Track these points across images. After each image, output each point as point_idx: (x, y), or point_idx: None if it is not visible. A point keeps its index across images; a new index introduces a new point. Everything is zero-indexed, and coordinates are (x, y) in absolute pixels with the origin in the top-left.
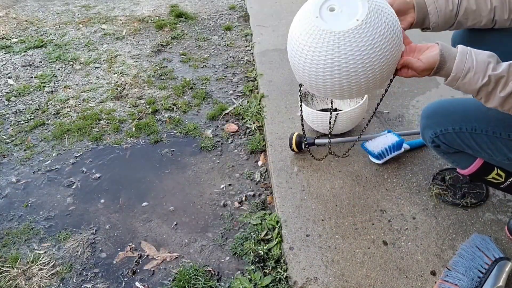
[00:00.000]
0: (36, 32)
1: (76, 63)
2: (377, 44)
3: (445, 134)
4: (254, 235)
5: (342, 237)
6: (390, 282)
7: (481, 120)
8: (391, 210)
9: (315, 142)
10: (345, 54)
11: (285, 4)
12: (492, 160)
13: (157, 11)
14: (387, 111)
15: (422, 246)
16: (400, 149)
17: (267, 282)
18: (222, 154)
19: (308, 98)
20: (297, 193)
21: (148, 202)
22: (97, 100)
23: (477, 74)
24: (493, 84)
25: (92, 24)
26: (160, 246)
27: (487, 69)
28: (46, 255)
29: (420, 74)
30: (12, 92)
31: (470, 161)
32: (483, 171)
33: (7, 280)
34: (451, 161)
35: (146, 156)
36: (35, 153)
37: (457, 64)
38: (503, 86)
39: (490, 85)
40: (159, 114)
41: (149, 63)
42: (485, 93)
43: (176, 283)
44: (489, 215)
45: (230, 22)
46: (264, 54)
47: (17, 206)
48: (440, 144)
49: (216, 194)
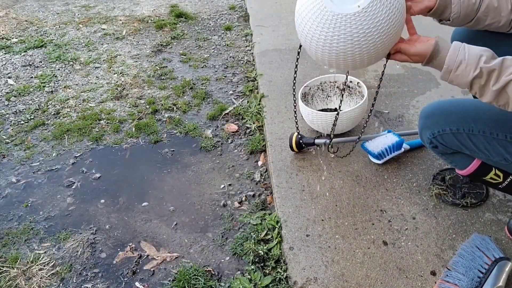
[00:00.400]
0: (36, 32)
1: (76, 63)
2: (372, 33)
3: (442, 135)
4: (254, 235)
5: (342, 237)
6: (390, 282)
7: (479, 121)
8: (391, 210)
9: (315, 142)
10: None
11: (285, 4)
12: (490, 160)
13: (157, 11)
14: (387, 111)
15: (422, 246)
16: (400, 149)
17: (267, 282)
18: (222, 154)
19: (308, 98)
20: (297, 193)
21: (148, 202)
22: (97, 100)
23: (469, 66)
24: (485, 77)
25: (92, 24)
26: (160, 246)
27: (478, 61)
28: (46, 255)
29: (411, 58)
30: (12, 92)
31: (468, 162)
32: (481, 171)
33: (7, 280)
34: (449, 161)
35: (146, 156)
36: (35, 153)
37: (450, 56)
38: (495, 80)
39: (482, 78)
40: (159, 114)
41: (149, 63)
42: (478, 86)
43: (176, 283)
44: (489, 215)
45: (230, 22)
46: (264, 54)
47: (17, 206)
48: (438, 145)
49: (216, 194)
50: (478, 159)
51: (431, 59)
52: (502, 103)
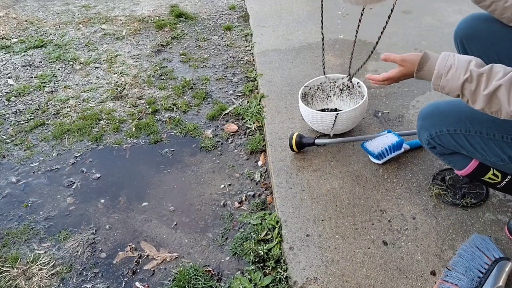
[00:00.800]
0: (36, 32)
1: (76, 63)
2: None
3: (440, 136)
4: (254, 235)
5: (342, 237)
6: (390, 282)
7: (475, 122)
8: (391, 210)
9: (315, 142)
10: None
11: (285, 4)
12: (487, 161)
13: (157, 11)
14: (387, 111)
15: (422, 246)
16: (400, 149)
17: (267, 282)
18: (222, 154)
19: (308, 98)
20: (297, 193)
21: (148, 202)
22: (97, 100)
23: (459, 70)
24: (475, 82)
25: (92, 24)
26: (160, 246)
27: (468, 65)
28: (46, 255)
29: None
30: (12, 92)
31: (466, 162)
32: (479, 171)
33: (7, 280)
34: (448, 162)
35: (146, 156)
36: (35, 153)
37: (440, 61)
38: (485, 84)
39: (473, 82)
40: (159, 114)
41: (149, 63)
42: (469, 92)
43: (176, 283)
44: (489, 215)
45: (230, 22)
46: (264, 54)
47: (17, 206)
48: (436, 146)
49: (216, 194)
50: (476, 160)
51: (421, 65)
52: (495, 110)
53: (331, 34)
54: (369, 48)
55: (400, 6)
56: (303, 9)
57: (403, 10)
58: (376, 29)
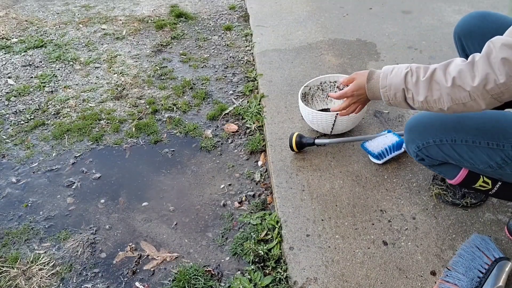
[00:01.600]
0: (36, 32)
1: (76, 63)
2: None
3: (427, 147)
4: (254, 235)
5: (342, 237)
6: (390, 282)
7: (460, 131)
8: (391, 210)
9: (315, 142)
10: None
11: (285, 4)
12: (475, 169)
13: (157, 11)
14: (387, 111)
15: (422, 246)
16: (400, 149)
17: (267, 282)
18: (222, 154)
19: (308, 98)
20: (297, 193)
21: (148, 202)
22: (97, 100)
23: (400, 68)
24: (415, 73)
25: (92, 24)
26: (160, 246)
27: (408, 65)
28: (46, 255)
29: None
30: (12, 92)
31: (456, 172)
32: (469, 180)
33: (7, 280)
34: (438, 172)
35: (146, 156)
36: (35, 153)
37: (384, 69)
38: (424, 73)
39: (413, 75)
40: (159, 114)
41: (149, 63)
42: (411, 84)
43: (176, 283)
44: (489, 215)
45: (230, 22)
46: (264, 54)
47: (17, 206)
48: (424, 157)
49: (216, 194)
50: (465, 168)
51: (370, 75)
52: (437, 96)
53: (331, 34)
54: (369, 48)
55: (400, 6)
56: (303, 9)
57: (403, 10)
58: (376, 29)
